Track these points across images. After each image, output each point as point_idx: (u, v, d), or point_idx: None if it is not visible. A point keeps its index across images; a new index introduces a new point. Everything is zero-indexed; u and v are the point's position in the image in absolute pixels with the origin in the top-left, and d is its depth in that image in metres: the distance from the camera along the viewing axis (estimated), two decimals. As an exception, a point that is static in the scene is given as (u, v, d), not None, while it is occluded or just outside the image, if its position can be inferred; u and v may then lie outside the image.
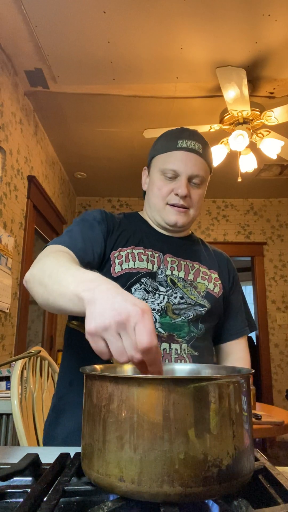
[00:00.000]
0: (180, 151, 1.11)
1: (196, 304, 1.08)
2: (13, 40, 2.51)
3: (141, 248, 1.09)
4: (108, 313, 0.57)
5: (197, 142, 1.12)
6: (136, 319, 0.56)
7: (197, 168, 1.11)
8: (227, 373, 0.68)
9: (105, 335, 0.57)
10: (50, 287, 0.76)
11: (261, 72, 2.78)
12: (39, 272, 0.82)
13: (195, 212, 1.14)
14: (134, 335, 0.56)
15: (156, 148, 1.17)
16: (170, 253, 1.13)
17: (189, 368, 0.75)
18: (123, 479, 0.46)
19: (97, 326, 0.57)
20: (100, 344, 0.58)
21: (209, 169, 1.17)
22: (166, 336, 1.02)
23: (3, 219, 2.68)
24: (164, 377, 0.50)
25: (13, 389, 1.26)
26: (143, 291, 1.04)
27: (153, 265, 1.08)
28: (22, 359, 1.35)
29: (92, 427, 0.51)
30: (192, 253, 1.18)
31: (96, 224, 1.07)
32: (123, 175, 4.51)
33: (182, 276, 1.10)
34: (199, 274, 1.14)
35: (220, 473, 0.46)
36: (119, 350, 0.57)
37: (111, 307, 0.58)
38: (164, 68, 2.74)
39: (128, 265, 1.05)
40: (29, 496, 0.46)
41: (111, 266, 1.04)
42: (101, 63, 2.69)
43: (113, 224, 1.11)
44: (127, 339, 0.56)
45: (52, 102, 3.17)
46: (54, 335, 4.10)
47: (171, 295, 1.06)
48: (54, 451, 0.67)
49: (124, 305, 0.58)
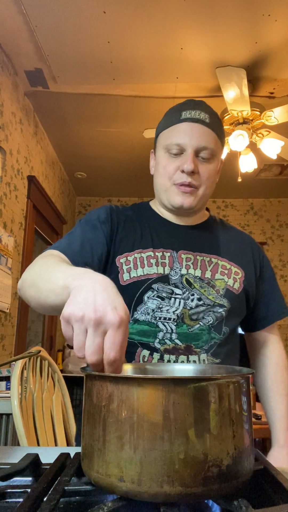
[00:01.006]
0: (184, 122, 0.99)
1: (215, 305, 0.99)
2: (13, 40, 2.51)
3: (149, 250, 1.01)
4: (86, 306, 0.56)
5: (202, 111, 1.00)
6: (110, 326, 0.55)
7: (204, 140, 0.98)
8: (227, 373, 0.68)
9: (74, 325, 0.56)
10: (41, 286, 0.75)
11: (261, 72, 2.78)
12: (29, 276, 0.82)
13: (205, 191, 1.02)
14: (98, 341, 0.55)
15: (160, 125, 1.07)
16: (184, 248, 1.03)
17: (189, 368, 0.75)
18: (123, 479, 0.46)
19: (70, 313, 0.56)
20: (68, 330, 0.57)
21: (220, 141, 1.04)
22: (183, 348, 0.95)
23: (3, 219, 2.68)
24: (164, 377, 0.50)
25: (13, 389, 1.26)
26: (157, 298, 0.97)
27: (164, 267, 1.00)
28: (22, 359, 1.35)
29: (92, 427, 0.51)
30: (210, 244, 1.07)
31: (98, 224, 1.02)
32: (123, 175, 4.51)
33: (198, 275, 1.01)
34: (218, 269, 1.03)
35: (220, 473, 0.46)
36: (79, 345, 0.56)
37: (92, 300, 0.56)
38: (164, 68, 2.74)
39: (136, 273, 0.98)
40: (29, 496, 0.46)
41: (118, 273, 0.98)
42: (101, 63, 2.69)
43: (118, 223, 1.04)
44: (90, 341, 0.55)
45: (52, 102, 3.17)
46: (54, 335, 4.10)
47: (188, 298, 0.98)
48: (54, 451, 0.67)
49: (104, 304, 0.56)
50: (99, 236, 1.00)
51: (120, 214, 1.06)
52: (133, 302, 0.96)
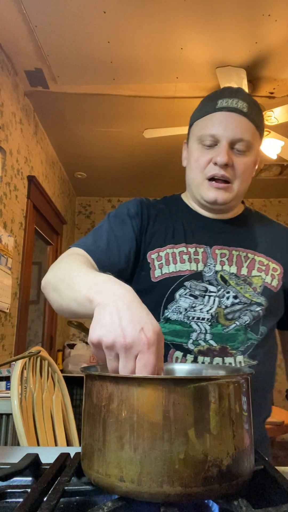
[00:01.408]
0: (220, 112, 0.93)
1: (252, 303, 0.93)
2: (13, 40, 2.51)
3: (182, 245, 0.96)
4: (114, 331, 0.55)
5: (240, 100, 0.93)
6: (140, 349, 0.54)
7: (241, 131, 0.92)
8: (227, 373, 0.68)
9: (105, 351, 0.56)
10: (63, 293, 0.74)
11: (261, 72, 2.78)
12: (52, 279, 0.80)
13: (240, 186, 0.95)
14: (130, 366, 0.55)
15: (194, 114, 1.00)
16: (219, 243, 0.97)
17: (189, 368, 0.75)
18: (123, 479, 0.46)
19: (99, 339, 0.56)
20: (101, 354, 0.58)
21: (259, 133, 0.97)
22: (218, 349, 0.90)
23: (3, 219, 2.68)
24: (164, 377, 0.50)
25: (13, 389, 1.26)
26: (189, 297, 0.92)
27: (197, 264, 0.94)
28: (22, 359, 1.35)
29: (92, 427, 0.51)
30: (245, 238, 1.01)
31: (128, 219, 0.97)
32: (123, 175, 4.51)
33: (234, 272, 0.95)
34: (254, 265, 0.97)
35: (220, 473, 0.46)
36: (113, 369, 0.57)
37: (118, 323, 0.56)
38: (164, 68, 2.74)
39: (168, 269, 0.94)
40: (29, 496, 0.46)
41: (150, 269, 0.94)
42: (101, 63, 2.69)
43: (149, 217, 0.99)
44: (123, 366, 0.55)
45: (52, 102, 3.17)
46: (54, 335, 4.10)
47: (223, 296, 0.93)
48: (54, 451, 0.67)
49: (131, 327, 0.55)
50: (127, 231, 0.96)
51: (151, 208, 1.02)
52: (164, 299, 0.93)
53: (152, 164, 4.17)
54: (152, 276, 0.94)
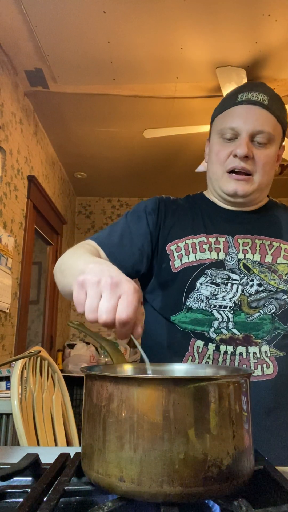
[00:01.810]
0: (240, 105, 0.93)
1: (278, 291, 0.91)
2: (13, 40, 2.51)
3: (202, 235, 0.95)
4: (101, 274, 0.59)
5: (261, 93, 0.93)
6: (125, 290, 0.58)
7: (260, 123, 0.91)
8: (227, 373, 0.68)
9: (89, 289, 0.58)
10: (65, 272, 0.80)
11: (261, 72, 2.78)
12: (60, 262, 0.86)
13: (261, 178, 0.95)
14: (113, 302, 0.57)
15: (216, 110, 1.01)
16: (241, 232, 0.96)
17: (189, 368, 0.75)
18: (123, 479, 0.46)
19: (86, 278, 0.59)
20: (81, 295, 0.59)
21: (281, 125, 0.96)
22: (241, 338, 0.88)
23: (3, 219, 2.68)
24: (164, 377, 0.50)
25: (13, 389, 1.26)
26: (211, 285, 0.90)
27: (218, 253, 0.93)
28: (22, 359, 1.35)
29: (92, 427, 0.51)
30: (270, 227, 0.99)
31: (143, 215, 0.98)
32: (123, 175, 4.51)
33: (257, 260, 0.93)
34: (280, 253, 0.94)
35: (220, 473, 0.46)
36: (92, 307, 0.58)
37: (108, 273, 0.60)
38: (164, 68, 2.74)
39: (188, 258, 0.93)
40: (29, 496, 0.46)
41: (169, 260, 0.94)
42: (101, 63, 2.69)
43: (166, 213, 0.99)
44: (105, 301, 0.57)
45: (52, 102, 3.17)
46: (54, 335, 4.10)
47: (246, 284, 0.90)
48: (54, 451, 0.67)
49: (119, 275, 0.60)
50: (142, 227, 0.97)
51: (170, 204, 1.02)
52: (185, 288, 0.92)
53: (152, 164, 4.17)
54: (173, 267, 0.94)
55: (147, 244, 0.96)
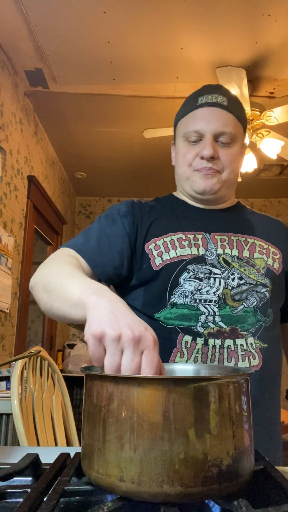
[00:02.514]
0: (201, 108, 0.97)
1: (258, 284, 0.94)
2: (13, 40, 2.51)
3: (179, 233, 0.96)
4: (120, 325, 0.54)
5: (220, 95, 0.98)
6: (147, 345, 0.54)
7: (223, 124, 0.95)
8: (227, 373, 0.68)
9: (109, 345, 0.54)
10: (54, 294, 0.73)
11: (261, 72, 2.78)
12: (43, 279, 0.80)
13: (228, 175, 0.98)
14: (137, 361, 0.53)
15: (178, 114, 1.05)
16: (217, 230, 0.98)
17: (189, 368, 0.75)
18: (123, 479, 0.46)
19: (103, 331, 0.54)
20: (100, 351, 0.55)
21: (241, 124, 1.01)
22: (229, 331, 0.89)
23: (3, 219, 2.68)
24: (164, 377, 0.50)
25: (13, 389, 1.26)
26: (194, 280, 0.91)
27: (198, 248, 0.94)
28: (22, 359, 1.35)
29: (92, 427, 0.51)
30: (244, 225, 1.03)
31: (118, 218, 0.98)
32: (123, 175, 4.51)
33: (236, 254, 0.96)
34: (255, 248, 0.98)
35: (220, 473, 0.46)
36: (114, 366, 0.54)
37: (123, 320, 0.55)
38: (164, 68, 2.74)
39: (169, 255, 0.94)
40: (29, 496, 0.46)
41: (150, 259, 0.94)
42: (101, 63, 2.69)
43: (141, 214, 1.00)
44: (129, 361, 0.53)
45: (52, 102, 3.17)
46: (54, 335, 4.10)
47: (228, 277, 0.92)
48: (54, 451, 0.67)
49: (138, 324, 0.55)
50: (118, 229, 0.96)
51: (143, 206, 1.03)
52: (169, 285, 0.92)
53: (152, 164, 4.17)
54: (154, 265, 0.94)
55: (126, 246, 0.95)
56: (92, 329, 0.55)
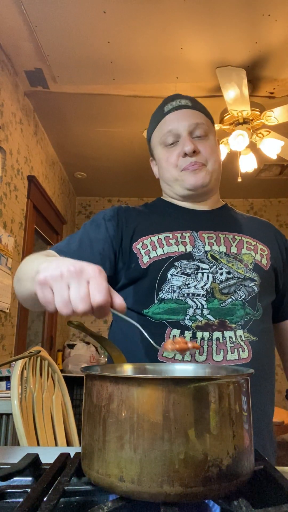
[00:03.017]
0: (169, 113, 1.04)
1: (246, 279, 0.95)
2: (13, 40, 2.51)
3: (166, 232, 0.98)
4: (62, 266, 0.57)
5: (182, 99, 1.06)
6: (91, 275, 0.56)
7: (194, 118, 1.02)
8: (227, 373, 0.68)
9: (54, 285, 0.56)
10: (22, 279, 0.79)
11: (261, 72, 2.78)
12: (17, 273, 0.85)
13: (213, 166, 1.02)
14: (84, 289, 0.55)
15: (148, 130, 1.11)
16: (204, 229, 1.00)
17: (189, 368, 0.75)
18: (123, 479, 0.46)
19: (47, 275, 0.57)
20: (47, 293, 0.57)
21: (209, 119, 1.07)
22: (217, 324, 0.90)
23: (3, 219, 2.68)
24: (164, 377, 0.50)
25: (13, 389, 1.26)
26: (182, 275, 0.92)
27: (185, 246, 0.96)
28: (22, 359, 1.35)
29: (92, 427, 0.51)
30: (231, 224, 1.05)
31: (102, 222, 1.00)
32: (123, 175, 4.51)
33: (223, 251, 0.97)
34: (243, 245, 1.00)
35: (220, 473, 0.46)
36: (64, 301, 0.56)
37: (67, 262, 0.58)
38: (164, 68, 2.74)
39: (156, 253, 0.95)
40: (29, 496, 0.46)
41: (138, 258, 0.95)
42: (101, 63, 2.69)
43: (126, 218, 1.01)
44: (76, 291, 0.55)
45: (52, 102, 3.17)
46: (54, 335, 4.10)
47: (216, 272, 0.93)
48: (54, 451, 0.67)
49: (80, 262, 0.58)
50: (101, 232, 0.98)
51: (129, 211, 1.05)
52: (157, 281, 0.93)
53: (152, 164, 4.17)
54: (142, 264, 0.95)
55: (108, 247, 0.96)
56: (38, 277, 0.58)
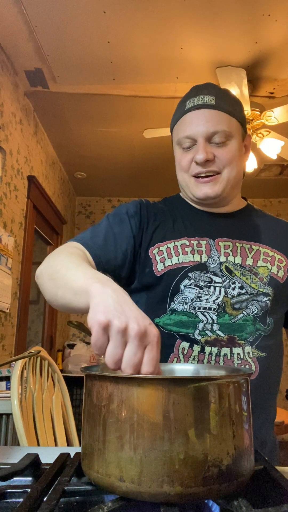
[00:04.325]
0: (189, 113, 0.95)
1: (259, 294, 0.92)
2: (13, 40, 2.51)
3: (184, 238, 0.96)
4: (127, 318, 0.53)
5: (206, 94, 0.94)
6: (151, 341, 0.54)
7: (213, 124, 0.92)
8: (227, 373, 0.68)
9: (114, 335, 0.53)
10: (59, 281, 0.73)
11: (261, 72, 2.78)
12: (49, 268, 0.80)
13: (230, 174, 0.95)
14: (139, 355, 0.53)
15: (171, 121, 1.03)
16: (221, 235, 0.97)
17: (189, 368, 0.75)
18: (123, 479, 0.46)
19: (112, 321, 0.53)
20: (103, 339, 0.54)
21: (236, 118, 0.96)
22: (226, 340, 0.89)
23: (3, 219, 2.68)
24: (164, 377, 0.50)
25: (13, 389, 1.26)
26: (195, 287, 0.91)
27: (200, 255, 0.94)
28: (22, 359, 1.35)
29: (92, 427, 0.51)
30: (249, 231, 1.00)
31: (126, 218, 0.97)
32: (123, 175, 4.51)
33: (239, 262, 0.94)
34: (260, 256, 0.96)
35: (220, 473, 0.46)
36: (116, 358, 0.53)
37: (129, 311, 0.54)
38: (164, 68, 2.74)
39: (171, 261, 0.93)
40: (29, 496, 0.46)
41: (152, 264, 0.94)
42: (101, 63, 2.69)
43: (148, 217, 0.99)
44: (132, 355, 0.52)
45: (52, 102, 3.17)
46: (54, 335, 4.10)
47: (228, 286, 0.92)
48: (54, 451, 0.67)
49: (144, 318, 0.55)
50: (125, 230, 0.96)
51: (150, 208, 1.02)
52: (169, 291, 0.92)
53: (152, 164, 4.17)
54: (156, 271, 0.94)
55: (131, 248, 0.95)
56: (97, 316, 0.54)
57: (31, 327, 4.48)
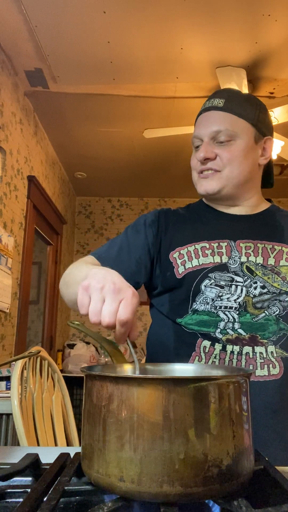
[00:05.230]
0: (200, 115, 1.02)
1: (282, 293, 0.92)
2: (13, 40, 2.51)
3: (204, 241, 0.97)
4: (106, 281, 0.63)
5: (217, 98, 1.00)
6: (126, 295, 0.61)
7: (217, 124, 0.96)
8: (227, 373, 0.68)
9: (93, 294, 0.62)
10: (70, 282, 0.85)
11: (261, 72, 2.78)
12: (64, 279, 0.91)
13: (231, 172, 0.96)
14: (115, 306, 0.60)
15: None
16: (243, 237, 0.98)
17: (189, 368, 0.75)
18: (123, 479, 0.46)
19: (90, 283, 0.63)
20: (85, 299, 0.62)
21: (243, 119, 0.98)
22: (248, 338, 0.90)
23: (3, 219, 2.68)
24: (164, 377, 0.50)
25: (13, 389, 1.26)
26: (215, 287, 0.92)
27: (221, 256, 0.95)
28: (22, 359, 1.35)
29: (92, 427, 0.51)
30: (272, 233, 1.00)
31: (142, 228, 1.02)
32: (123, 175, 4.51)
33: (260, 262, 0.94)
34: (282, 256, 0.96)
35: (220, 473, 0.46)
36: (96, 310, 0.61)
37: (111, 279, 0.63)
38: (164, 68, 2.74)
39: (191, 264, 0.95)
40: (29, 496, 0.46)
41: (173, 268, 0.96)
42: (101, 63, 2.69)
43: (166, 224, 1.02)
44: (108, 306, 0.61)
45: (52, 102, 3.17)
46: (54, 335, 4.10)
47: (250, 286, 0.92)
48: (54, 451, 0.67)
49: (121, 282, 0.63)
50: (140, 239, 1.00)
51: (170, 215, 1.05)
52: (191, 292, 0.94)
53: (152, 164, 4.17)
54: (177, 273, 0.96)
55: (145, 255, 0.99)
56: (82, 283, 0.64)
57: (31, 327, 4.48)
